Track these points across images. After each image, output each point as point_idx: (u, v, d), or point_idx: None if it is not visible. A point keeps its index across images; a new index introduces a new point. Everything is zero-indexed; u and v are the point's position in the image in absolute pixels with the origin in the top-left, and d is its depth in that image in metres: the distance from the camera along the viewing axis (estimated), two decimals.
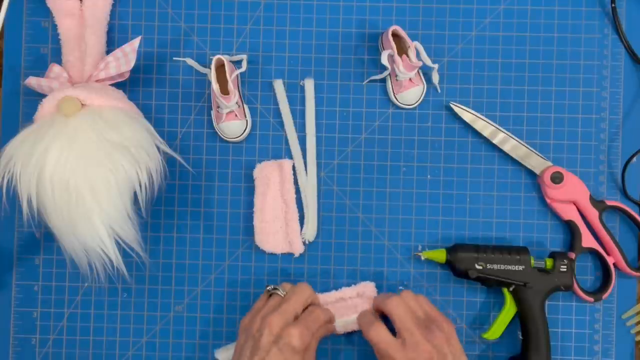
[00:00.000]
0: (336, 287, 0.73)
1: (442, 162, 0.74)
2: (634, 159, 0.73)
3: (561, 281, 0.69)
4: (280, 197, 0.73)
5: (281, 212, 0.72)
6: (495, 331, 0.70)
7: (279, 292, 0.67)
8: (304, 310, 0.67)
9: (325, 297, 0.72)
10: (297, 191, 0.73)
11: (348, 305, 0.71)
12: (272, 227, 0.72)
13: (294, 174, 0.73)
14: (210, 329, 0.73)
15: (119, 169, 0.64)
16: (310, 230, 0.73)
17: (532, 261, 0.70)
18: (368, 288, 0.72)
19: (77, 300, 0.74)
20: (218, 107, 0.71)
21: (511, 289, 0.70)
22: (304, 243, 0.73)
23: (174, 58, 0.74)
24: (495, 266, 0.69)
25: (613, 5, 0.73)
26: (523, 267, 0.69)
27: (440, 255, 0.71)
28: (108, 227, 0.64)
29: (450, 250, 0.71)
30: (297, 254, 0.73)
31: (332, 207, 0.74)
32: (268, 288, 0.68)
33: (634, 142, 0.73)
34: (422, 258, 0.71)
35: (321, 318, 0.66)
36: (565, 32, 0.74)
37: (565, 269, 0.69)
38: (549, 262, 0.70)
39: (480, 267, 0.69)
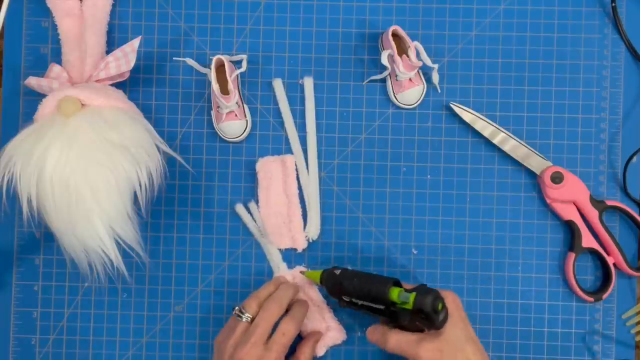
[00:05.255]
0: None
1: (442, 162, 0.74)
2: (635, 159, 0.73)
3: (423, 323, 0.60)
4: (283, 193, 0.73)
5: (284, 207, 0.72)
6: None
7: (243, 318, 0.65)
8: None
9: (315, 295, 0.72)
10: (299, 189, 0.73)
11: (315, 319, 0.71)
12: (275, 222, 0.72)
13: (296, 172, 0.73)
14: (210, 329, 0.73)
15: (119, 169, 0.64)
16: (314, 228, 0.73)
17: (397, 294, 0.60)
18: (339, 334, 0.72)
19: (77, 300, 0.74)
20: (218, 107, 0.71)
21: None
22: (308, 241, 0.73)
23: (174, 58, 0.74)
24: (359, 301, 0.64)
25: (613, 4, 0.73)
26: (383, 306, 0.62)
27: (316, 276, 0.68)
28: (108, 227, 0.64)
29: (324, 273, 0.67)
30: (300, 249, 0.73)
31: (332, 207, 0.74)
32: (234, 311, 0.66)
33: (634, 142, 0.73)
34: (304, 276, 0.71)
35: (292, 332, 0.65)
36: (565, 32, 0.74)
37: (425, 312, 0.58)
38: (411, 299, 0.60)
39: (348, 299, 0.64)
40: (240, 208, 0.73)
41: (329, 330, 0.71)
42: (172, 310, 0.74)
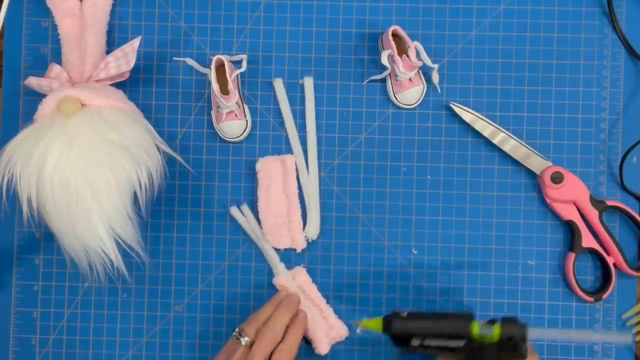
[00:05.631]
0: (336, 288, 0.73)
1: (442, 162, 0.74)
2: (634, 159, 0.73)
3: (508, 354, 0.59)
4: (282, 193, 0.73)
5: (284, 207, 0.72)
6: None
7: (242, 342, 0.64)
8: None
9: (314, 295, 0.72)
10: (299, 189, 0.73)
11: (318, 322, 0.71)
12: (274, 222, 0.72)
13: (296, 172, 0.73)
14: (210, 329, 0.73)
15: (119, 169, 0.64)
16: (313, 228, 0.73)
17: (477, 328, 0.59)
18: (342, 330, 0.72)
19: (77, 300, 0.74)
20: (218, 107, 0.71)
21: None
22: (307, 241, 0.73)
23: (174, 58, 0.74)
24: (433, 342, 0.60)
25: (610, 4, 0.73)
26: (464, 341, 0.60)
27: (377, 324, 0.63)
28: (108, 227, 0.64)
29: (387, 319, 0.62)
30: (299, 250, 0.73)
31: (332, 207, 0.74)
32: (234, 333, 0.65)
33: (633, 142, 0.73)
34: (358, 330, 0.65)
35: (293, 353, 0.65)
36: (565, 32, 0.74)
37: (513, 341, 0.58)
38: (496, 330, 0.59)
39: (418, 343, 0.61)
40: (234, 210, 0.73)
41: (332, 328, 0.71)
42: (172, 310, 0.74)
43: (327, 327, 0.71)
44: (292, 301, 0.68)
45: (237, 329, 0.65)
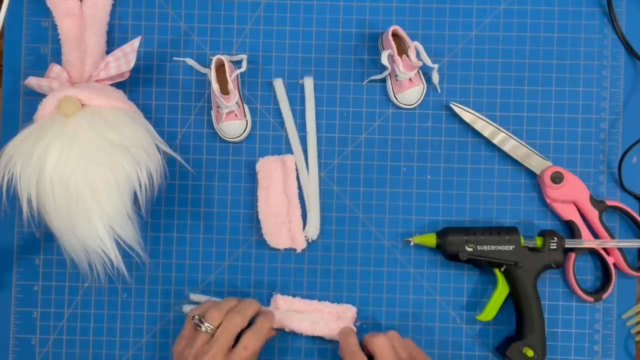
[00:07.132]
0: (336, 288, 0.73)
1: (442, 162, 0.74)
2: (634, 157, 0.73)
3: (552, 258, 0.69)
4: (282, 193, 0.73)
5: (284, 207, 0.72)
6: (488, 312, 0.70)
7: (203, 329, 0.64)
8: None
9: (303, 305, 0.72)
10: (299, 188, 0.73)
11: (322, 318, 0.71)
12: (275, 221, 0.72)
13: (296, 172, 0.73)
14: None
15: (119, 169, 0.64)
16: (313, 228, 0.73)
17: (522, 240, 0.70)
18: (349, 311, 0.72)
19: (77, 300, 0.74)
20: (218, 107, 0.71)
21: (502, 269, 0.70)
22: (307, 241, 0.73)
23: (174, 58, 0.74)
24: (485, 247, 0.69)
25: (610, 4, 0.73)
26: (513, 246, 0.69)
27: (431, 239, 0.71)
28: (108, 227, 0.64)
29: (440, 234, 0.71)
30: (299, 250, 0.73)
31: (332, 207, 0.74)
32: (194, 320, 0.65)
33: (633, 142, 0.73)
34: (412, 244, 0.72)
35: (255, 346, 0.64)
36: (565, 32, 0.74)
37: (555, 247, 0.69)
38: (539, 241, 0.70)
39: (471, 249, 0.69)
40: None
41: (341, 314, 0.71)
42: (172, 310, 0.74)
43: (336, 317, 0.71)
44: (256, 301, 0.68)
45: (196, 316, 0.65)
